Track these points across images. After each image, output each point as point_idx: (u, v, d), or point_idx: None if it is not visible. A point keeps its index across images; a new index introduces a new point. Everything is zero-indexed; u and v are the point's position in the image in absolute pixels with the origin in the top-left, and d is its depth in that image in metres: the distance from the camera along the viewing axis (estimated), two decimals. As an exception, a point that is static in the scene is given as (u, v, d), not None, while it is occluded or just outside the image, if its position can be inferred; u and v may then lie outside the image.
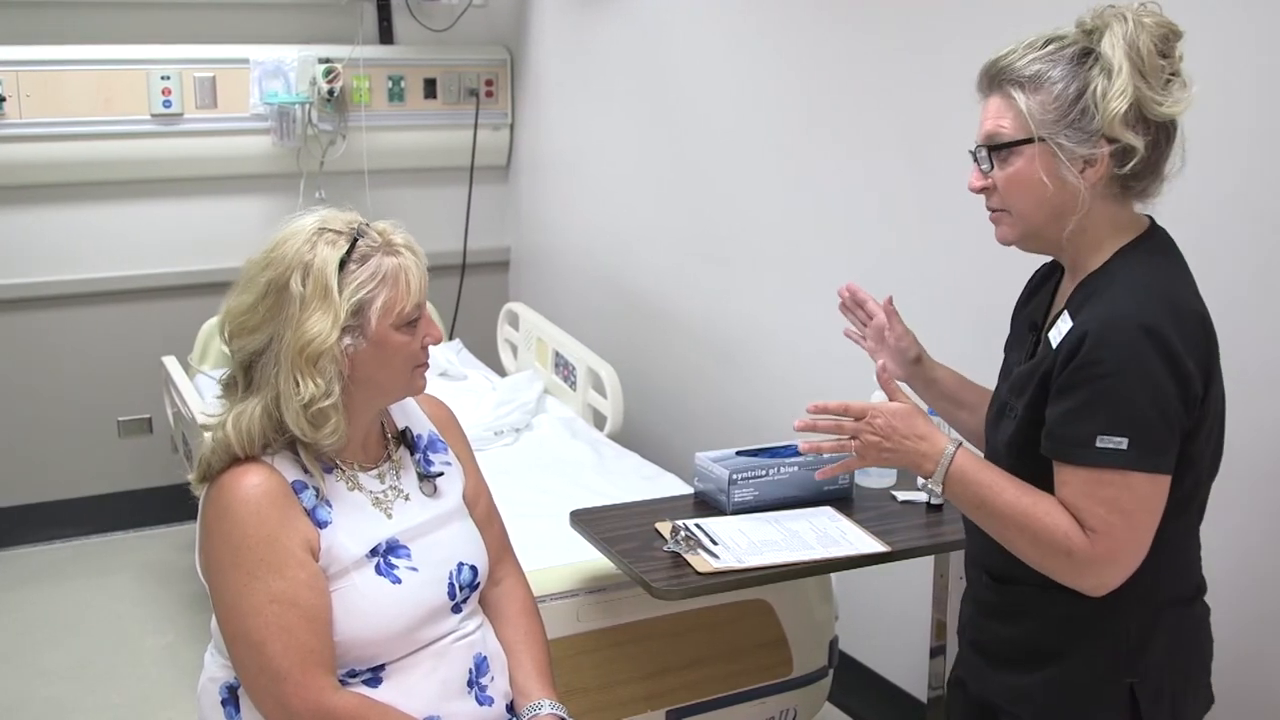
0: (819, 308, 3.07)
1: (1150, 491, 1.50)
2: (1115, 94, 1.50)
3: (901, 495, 2.40)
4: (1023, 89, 1.56)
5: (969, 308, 2.61)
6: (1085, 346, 1.50)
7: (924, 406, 1.77)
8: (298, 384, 1.62)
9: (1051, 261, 1.74)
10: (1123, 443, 1.47)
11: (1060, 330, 1.58)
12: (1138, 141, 1.52)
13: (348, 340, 1.65)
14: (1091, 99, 1.52)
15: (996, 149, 1.59)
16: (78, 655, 3.42)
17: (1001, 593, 1.69)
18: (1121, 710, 1.60)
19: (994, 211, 1.64)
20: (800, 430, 1.73)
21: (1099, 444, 1.48)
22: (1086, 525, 1.51)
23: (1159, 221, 1.65)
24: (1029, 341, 1.71)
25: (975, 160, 1.63)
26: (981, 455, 1.68)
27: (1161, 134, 1.55)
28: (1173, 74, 1.54)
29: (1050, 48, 1.56)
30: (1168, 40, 1.53)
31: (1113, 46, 1.51)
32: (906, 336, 1.93)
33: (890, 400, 1.69)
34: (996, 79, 1.59)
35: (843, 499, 2.38)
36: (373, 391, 1.72)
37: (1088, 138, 1.53)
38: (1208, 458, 1.60)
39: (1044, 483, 1.57)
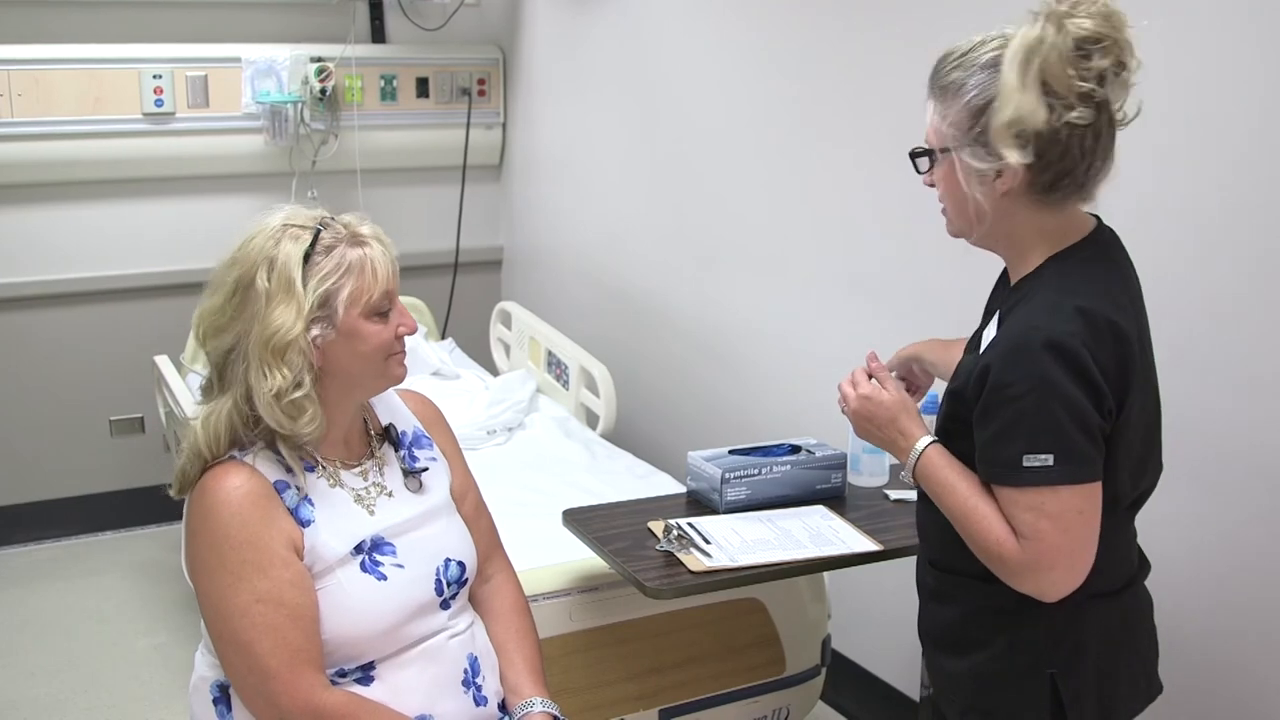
0: (811, 306, 3.08)
1: (1081, 500, 1.52)
2: (1000, 105, 1.49)
3: (894, 494, 2.40)
4: (937, 100, 1.58)
5: (960, 305, 2.61)
6: (992, 373, 1.52)
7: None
8: (266, 376, 1.63)
9: None
10: (1049, 459, 1.50)
11: (988, 336, 1.61)
12: (1018, 159, 1.49)
13: (316, 331, 1.65)
14: (991, 110, 1.51)
15: (921, 155, 1.63)
16: (68, 655, 3.41)
17: (940, 579, 1.74)
18: (1042, 700, 1.62)
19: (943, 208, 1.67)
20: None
21: (1026, 463, 1.51)
22: (1018, 533, 1.53)
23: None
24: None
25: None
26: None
27: (1074, 145, 1.50)
28: (1099, 82, 1.47)
29: (971, 54, 1.55)
30: (1090, 43, 1.46)
31: (1009, 55, 1.48)
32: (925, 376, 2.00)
33: (882, 387, 1.75)
34: (930, 83, 1.61)
35: (835, 498, 2.38)
36: (347, 383, 1.72)
37: (990, 152, 1.52)
38: (1133, 461, 1.61)
39: (968, 466, 1.62)
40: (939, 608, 1.75)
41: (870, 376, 1.78)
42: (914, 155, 1.64)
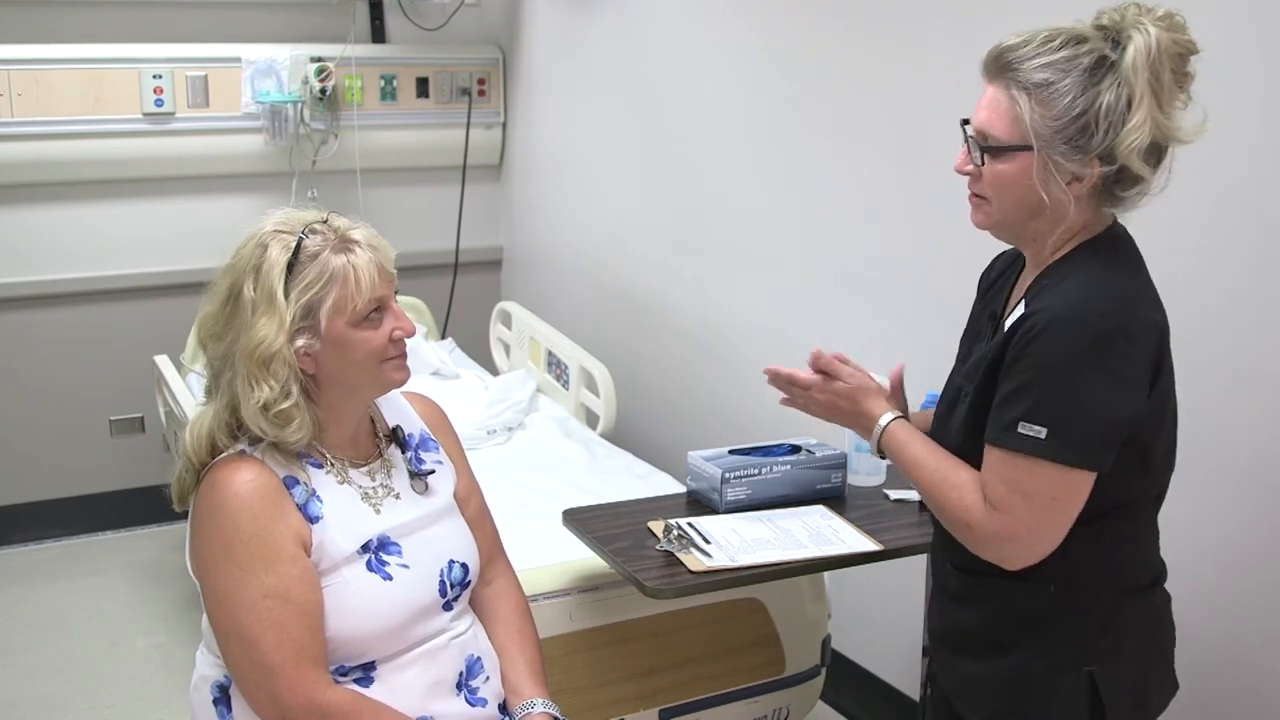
0: (811, 305, 3.08)
1: (1062, 483, 1.51)
2: (1135, 126, 1.47)
3: (894, 494, 2.40)
4: (1028, 95, 1.51)
5: (960, 304, 2.60)
6: (1028, 335, 1.52)
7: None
8: (252, 387, 1.63)
9: (1013, 252, 1.75)
10: (1041, 432, 1.50)
11: (1014, 318, 1.60)
12: (1150, 174, 1.50)
13: (301, 341, 1.65)
14: (1094, 116, 1.49)
15: (989, 148, 1.56)
16: (68, 655, 3.41)
17: (963, 581, 1.72)
18: (1081, 699, 1.61)
19: (974, 195, 1.63)
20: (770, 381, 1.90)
21: (1019, 430, 1.51)
22: (989, 500, 1.55)
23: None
24: (988, 330, 1.72)
25: (966, 141, 1.60)
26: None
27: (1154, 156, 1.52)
28: (1184, 95, 1.51)
29: (1064, 53, 1.50)
30: (1184, 60, 1.50)
31: (1135, 70, 1.47)
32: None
33: (834, 374, 1.80)
34: (1002, 71, 1.54)
35: (835, 497, 2.39)
36: (345, 388, 1.72)
37: (1082, 155, 1.51)
38: (1160, 452, 1.61)
39: None
40: (962, 610, 1.73)
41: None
42: (988, 148, 1.56)
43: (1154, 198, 1.57)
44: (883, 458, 1.76)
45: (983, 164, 1.58)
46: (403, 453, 1.84)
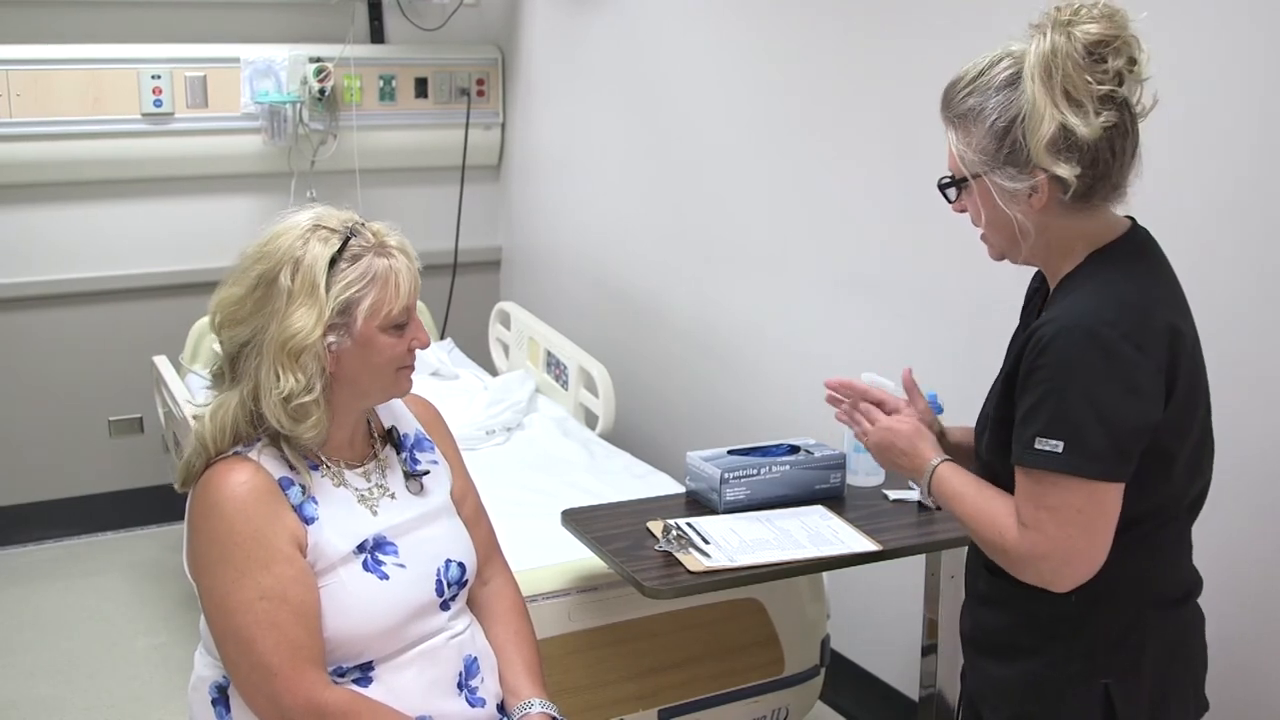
0: (810, 306, 3.08)
1: (1086, 496, 1.50)
2: (1035, 124, 1.49)
3: (893, 494, 2.40)
4: (955, 128, 1.57)
5: (960, 304, 2.61)
6: (1036, 349, 1.52)
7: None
8: (278, 377, 1.63)
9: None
10: (1058, 446, 1.49)
11: None
12: (1068, 171, 1.50)
13: (332, 338, 1.65)
14: (1020, 129, 1.51)
15: (944, 187, 1.62)
16: (68, 655, 3.41)
17: (992, 583, 1.71)
18: (1095, 710, 1.60)
19: (981, 234, 1.66)
20: (830, 390, 1.92)
21: (1037, 446, 1.51)
22: (1020, 521, 1.55)
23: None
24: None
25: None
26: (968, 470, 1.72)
27: (1104, 148, 1.51)
28: (1118, 83, 1.49)
29: (984, 77, 1.54)
30: (1100, 47, 1.48)
31: (1030, 73, 1.49)
32: (929, 413, 1.90)
33: (911, 401, 1.82)
34: (944, 110, 1.60)
35: (834, 498, 2.39)
36: (356, 390, 1.72)
37: (1022, 170, 1.52)
38: (1183, 459, 1.58)
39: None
40: (988, 612, 1.72)
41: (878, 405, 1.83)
42: (943, 187, 1.62)
43: (1134, 193, 1.57)
44: (934, 503, 1.75)
45: (954, 201, 1.63)
46: (398, 453, 1.84)
